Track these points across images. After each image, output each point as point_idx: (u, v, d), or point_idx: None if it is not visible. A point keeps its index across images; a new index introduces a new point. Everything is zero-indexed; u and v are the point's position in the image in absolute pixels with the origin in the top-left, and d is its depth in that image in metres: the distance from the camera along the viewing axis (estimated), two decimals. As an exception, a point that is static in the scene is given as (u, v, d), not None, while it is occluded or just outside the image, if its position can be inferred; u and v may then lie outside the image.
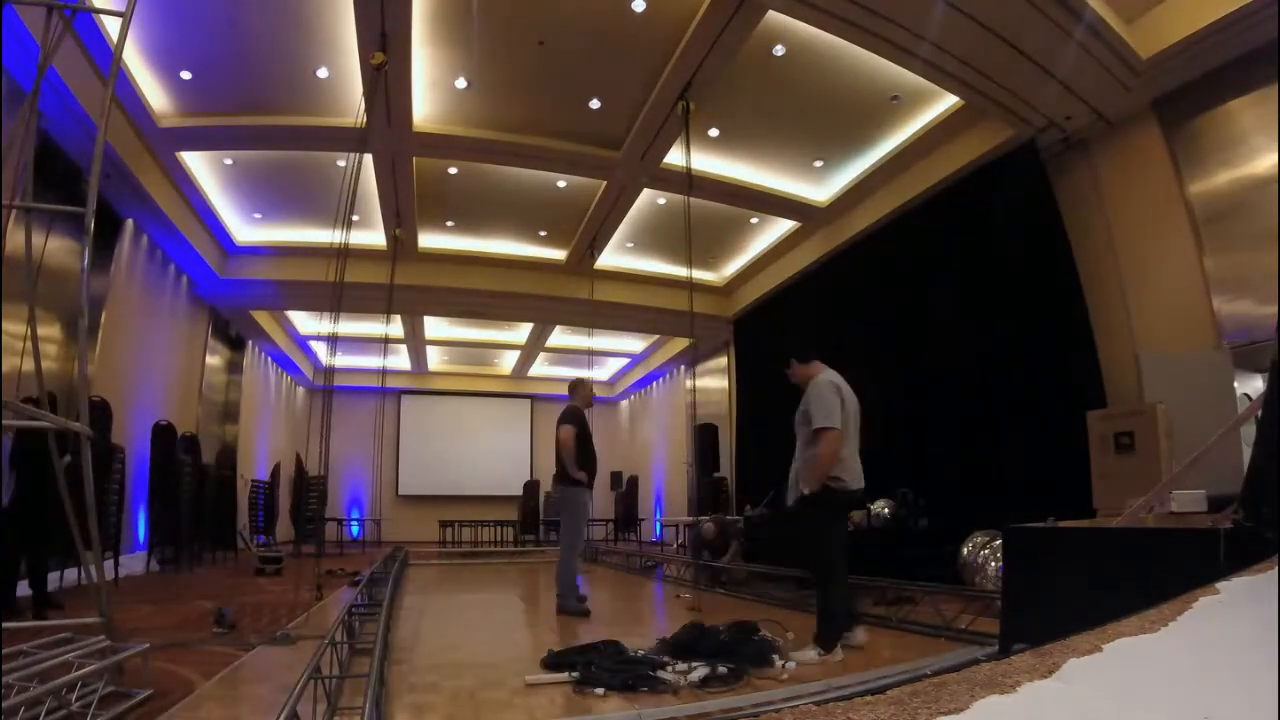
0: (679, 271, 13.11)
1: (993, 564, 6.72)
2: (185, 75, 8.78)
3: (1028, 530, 3.43)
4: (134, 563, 10.48)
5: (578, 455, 7.19)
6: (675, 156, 10.12)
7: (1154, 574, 2.50)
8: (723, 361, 17.77)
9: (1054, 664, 0.90)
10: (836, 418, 4.80)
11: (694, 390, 15.02)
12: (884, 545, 8.63)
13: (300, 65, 8.73)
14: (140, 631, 5.39)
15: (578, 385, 7.93)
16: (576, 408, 7.61)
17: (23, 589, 7.29)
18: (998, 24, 7.02)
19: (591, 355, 19.10)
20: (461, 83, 9.11)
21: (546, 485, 22.81)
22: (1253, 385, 6.76)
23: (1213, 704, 0.79)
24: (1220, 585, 1.46)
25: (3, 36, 4.19)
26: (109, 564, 8.60)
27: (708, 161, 10.49)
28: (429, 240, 13.52)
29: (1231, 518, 2.28)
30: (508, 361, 23.53)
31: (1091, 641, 0.99)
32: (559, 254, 14.37)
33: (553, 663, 4.58)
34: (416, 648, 5.86)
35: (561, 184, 11.54)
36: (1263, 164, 6.77)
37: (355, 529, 21.64)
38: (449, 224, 13.11)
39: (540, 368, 23.83)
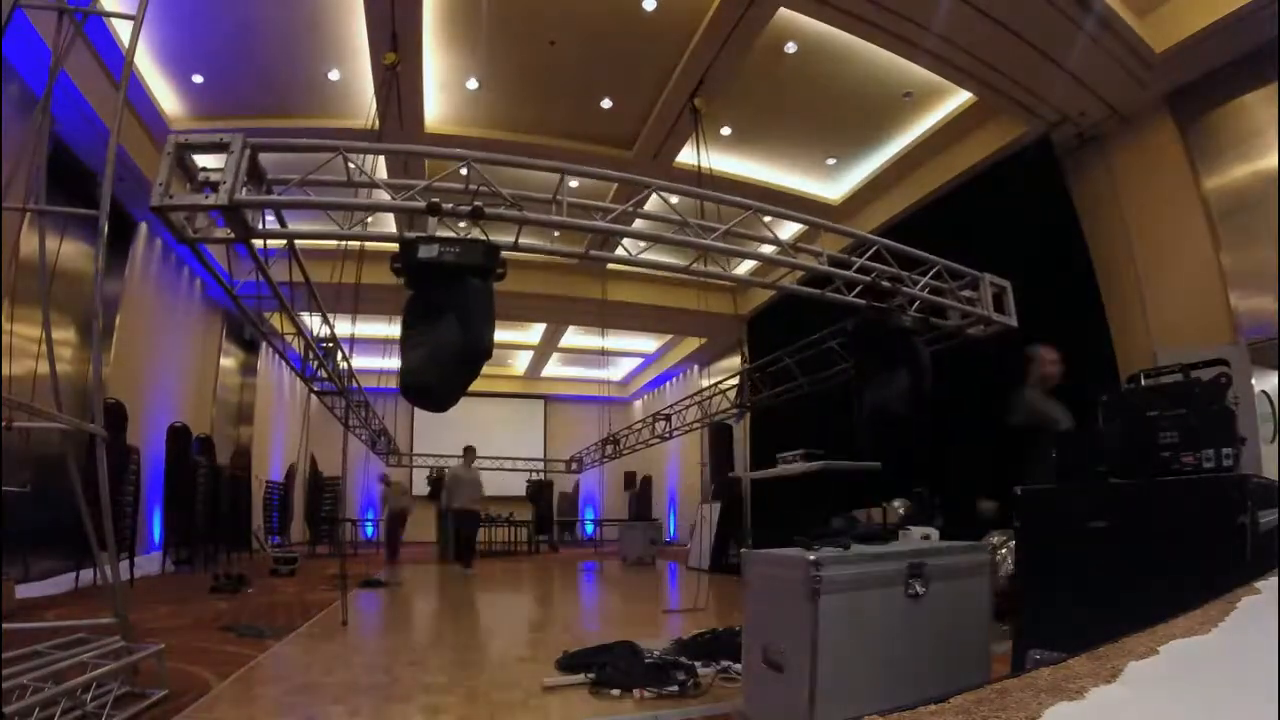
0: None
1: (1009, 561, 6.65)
2: (197, 78, 8.81)
3: (1040, 492, 3.46)
4: (149, 563, 10.53)
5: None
6: (687, 155, 10.08)
7: (1172, 524, 2.68)
8: (736, 361, 17.72)
9: (1114, 668, 0.87)
10: None
11: (712, 389, 14.92)
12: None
13: (311, 68, 8.75)
14: (155, 632, 5.40)
15: None
16: None
17: (25, 591, 7.35)
18: (1011, 19, 6.97)
19: (605, 355, 19.07)
20: (473, 83, 9.11)
21: (562, 486, 22.92)
22: (1269, 381, 6.68)
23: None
24: (1259, 584, 1.43)
25: (8, 39, 4.20)
26: (124, 565, 8.63)
27: (720, 160, 10.46)
28: (441, 241, 13.47)
29: None
30: (521, 362, 23.54)
31: (1145, 643, 0.97)
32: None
33: (567, 664, 4.56)
34: (432, 648, 5.86)
35: (574, 184, 11.50)
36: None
37: (370, 530, 21.68)
38: (461, 225, 13.08)
39: (554, 368, 23.83)
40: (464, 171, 4.30)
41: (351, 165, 4.05)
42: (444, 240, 3.63)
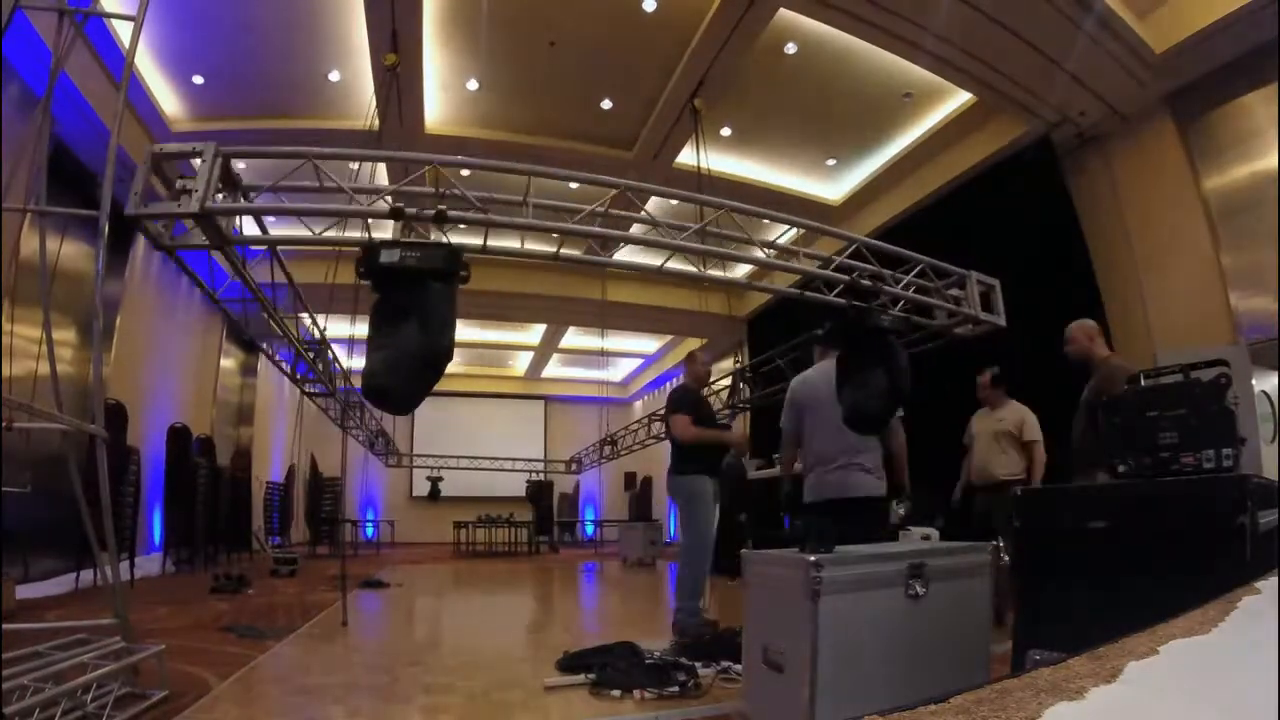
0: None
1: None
2: (197, 79, 8.82)
3: (1040, 492, 3.48)
4: (149, 564, 10.51)
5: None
6: (687, 155, 10.08)
7: (1172, 524, 2.69)
8: (735, 361, 17.71)
9: (1114, 668, 0.87)
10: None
11: (709, 390, 14.93)
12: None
13: (312, 69, 8.75)
14: (156, 633, 5.40)
15: (690, 360, 6.90)
16: (687, 388, 6.60)
17: (25, 591, 7.35)
18: (1010, 19, 6.98)
19: (605, 356, 19.09)
20: (473, 84, 9.11)
21: (562, 487, 22.93)
22: (1269, 381, 6.68)
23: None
24: (1259, 584, 1.44)
25: (8, 39, 4.20)
26: (124, 565, 8.63)
27: (720, 161, 10.46)
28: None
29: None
30: (521, 363, 23.54)
31: (1145, 643, 0.97)
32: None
33: (568, 665, 4.56)
34: (432, 649, 5.86)
35: (573, 185, 11.51)
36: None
37: (370, 530, 21.69)
38: (461, 226, 13.07)
39: (554, 369, 23.83)
40: (465, 173, 4.29)
41: (347, 170, 4.06)
42: (405, 244, 3.66)
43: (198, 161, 3.59)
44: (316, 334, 8.31)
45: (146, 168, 3.44)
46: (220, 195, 3.57)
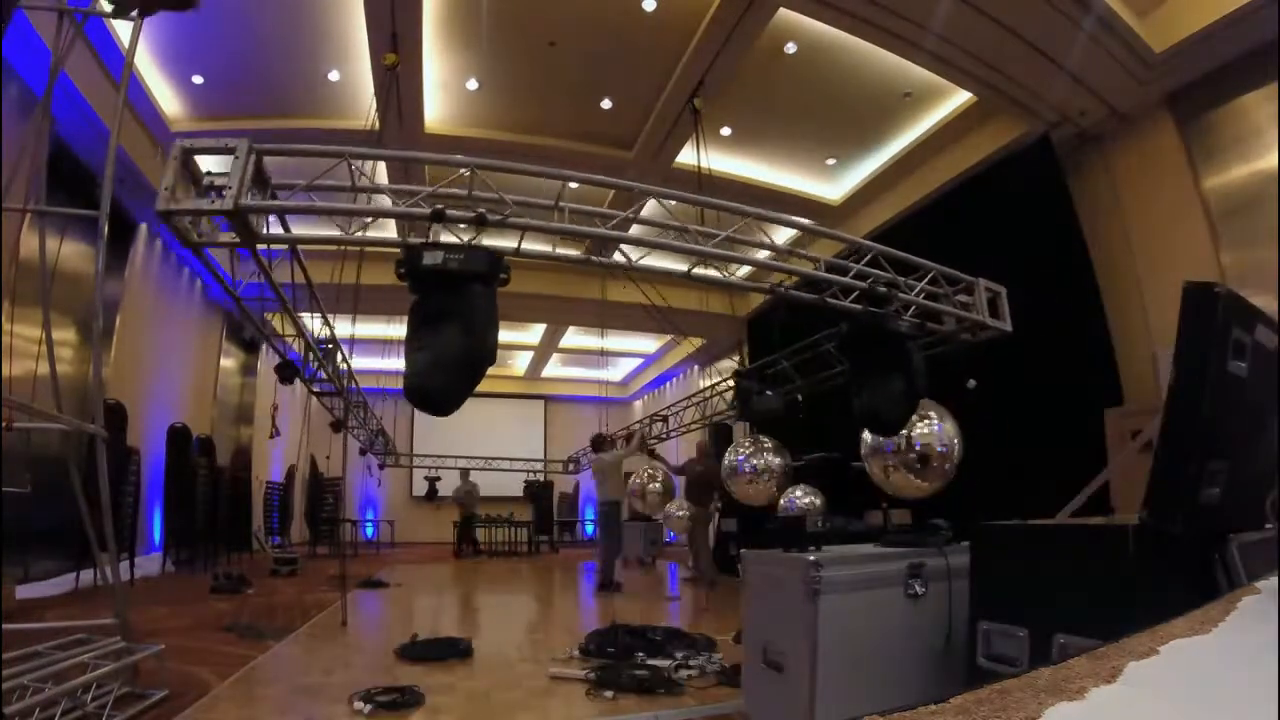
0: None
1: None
2: (197, 79, 8.81)
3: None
4: (149, 564, 10.51)
5: None
6: (687, 155, 10.07)
7: (1074, 567, 2.63)
8: (735, 361, 17.68)
9: (1114, 667, 0.87)
10: None
11: (710, 391, 14.91)
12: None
13: (311, 68, 8.74)
14: (156, 633, 5.40)
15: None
16: None
17: (25, 591, 7.36)
18: (1010, 19, 6.97)
19: (605, 355, 19.06)
20: (473, 84, 9.10)
21: (562, 487, 22.92)
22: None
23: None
24: (1260, 584, 1.44)
25: (8, 39, 4.21)
26: (124, 565, 8.63)
27: (720, 161, 10.45)
28: (441, 242, 13.45)
29: (1140, 516, 2.32)
30: (521, 363, 23.52)
31: (1145, 643, 0.97)
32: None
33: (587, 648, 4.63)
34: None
35: (573, 185, 11.50)
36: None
37: (370, 530, 21.67)
38: (461, 225, 13.07)
39: (554, 368, 23.81)
40: (466, 174, 4.28)
41: (357, 170, 4.04)
42: (448, 247, 3.67)
43: (204, 160, 3.58)
44: (327, 334, 8.31)
45: (177, 162, 3.42)
46: (251, 193, 3.55)
